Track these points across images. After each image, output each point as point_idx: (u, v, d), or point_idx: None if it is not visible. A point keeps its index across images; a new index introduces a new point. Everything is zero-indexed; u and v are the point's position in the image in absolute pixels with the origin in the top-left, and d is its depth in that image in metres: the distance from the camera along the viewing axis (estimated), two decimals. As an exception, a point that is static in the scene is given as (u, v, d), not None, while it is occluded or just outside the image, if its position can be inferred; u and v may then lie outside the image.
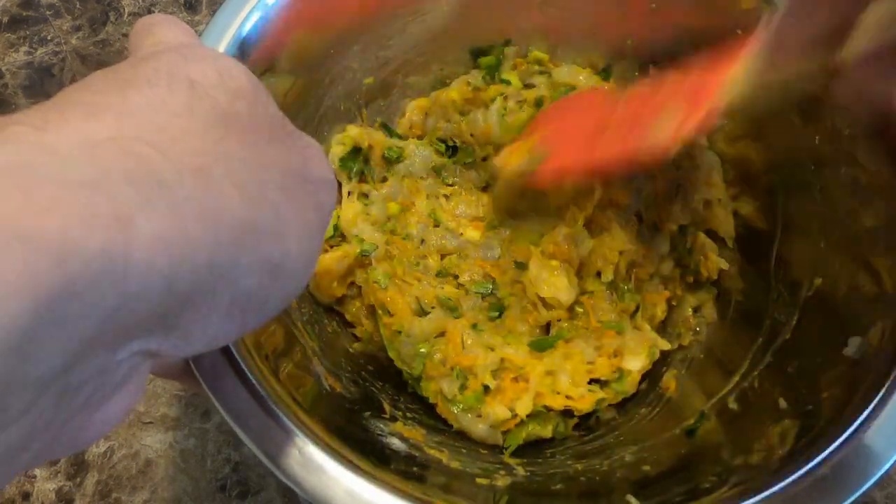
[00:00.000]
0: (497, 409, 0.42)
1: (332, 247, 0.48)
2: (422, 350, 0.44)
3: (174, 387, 0.50)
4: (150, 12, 0.65)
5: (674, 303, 0.50)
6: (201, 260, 0.20)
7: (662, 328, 0.49)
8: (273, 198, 0.24)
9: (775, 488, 0.32)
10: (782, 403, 0.39)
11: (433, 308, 0.46)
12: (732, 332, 0.47)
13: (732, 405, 0.42)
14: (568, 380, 0.44)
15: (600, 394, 0.45)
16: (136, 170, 0.19)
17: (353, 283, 0.48)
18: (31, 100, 0.62)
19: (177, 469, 0.48)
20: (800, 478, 0.32)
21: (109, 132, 0.20)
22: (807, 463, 0.33)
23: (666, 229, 0.50)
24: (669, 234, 0.50)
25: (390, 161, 0.51)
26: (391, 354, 0.45)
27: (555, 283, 0.45)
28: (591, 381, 0.45)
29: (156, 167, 0.20)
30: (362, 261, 0.47)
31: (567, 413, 0.45)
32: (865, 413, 0.33)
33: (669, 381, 0.47)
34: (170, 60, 0.24)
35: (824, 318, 0.41)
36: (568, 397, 0.44)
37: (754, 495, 0.32)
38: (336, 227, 0.49)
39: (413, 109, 0.54)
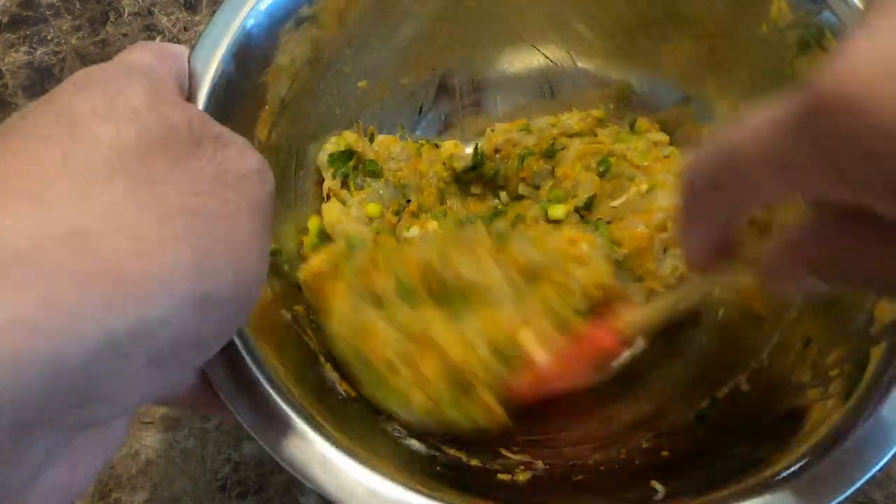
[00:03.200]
0: (416, 395, 0.37)
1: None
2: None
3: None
4: (150, 13, 0.65)
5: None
6: (89, 329, 0.18)
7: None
8: (183, 230, 0.22)
9: (796, 466, 0.32)
10: (795, 381, 0.39)
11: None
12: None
13: (744, 386, 0.42)
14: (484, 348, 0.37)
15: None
16: None
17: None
18: (31, 100, 0.61)
19: (177, 469, 0.47)
20: (821, 454, 0.32)
21: None
22: (826, 439, 0.33)
23: None
24: None
25: (374, 174, 0.50)
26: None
27: None
28: None
29: (18, 244, 0.18)
30: (348, 255, 0.44)
31: None
32: (882, 385, 0.33)
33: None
34: (59, 98, 0.23)
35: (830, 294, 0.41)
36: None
37: (777, 473, 0.32)
38: (322, 232, 0.48)
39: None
